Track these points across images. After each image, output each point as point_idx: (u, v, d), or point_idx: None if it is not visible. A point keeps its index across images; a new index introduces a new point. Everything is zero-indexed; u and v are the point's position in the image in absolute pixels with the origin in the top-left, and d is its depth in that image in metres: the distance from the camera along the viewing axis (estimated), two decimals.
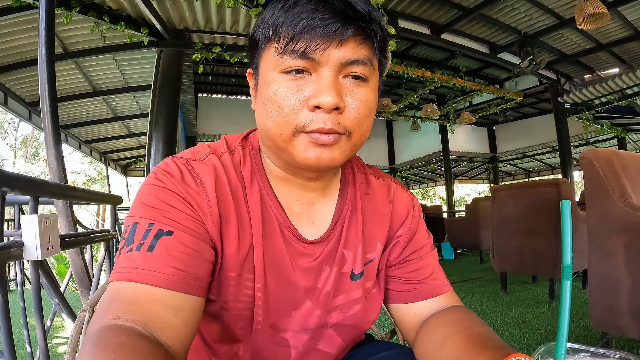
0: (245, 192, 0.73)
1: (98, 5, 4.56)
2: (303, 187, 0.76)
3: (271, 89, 0.64)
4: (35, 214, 1.10)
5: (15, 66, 5.70)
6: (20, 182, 1.15)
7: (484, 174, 16.59)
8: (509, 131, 12.64)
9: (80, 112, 7.90)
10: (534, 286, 4.44)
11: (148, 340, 0.51)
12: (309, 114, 0.62)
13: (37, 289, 1.23)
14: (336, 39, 0.61)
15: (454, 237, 7.64)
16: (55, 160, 1.74)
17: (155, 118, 5.02)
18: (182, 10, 4.80)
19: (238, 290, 0.71)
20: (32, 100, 6.96)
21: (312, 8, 0.61)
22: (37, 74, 5.30)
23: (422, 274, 0.83)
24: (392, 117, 10.13)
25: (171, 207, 0.64)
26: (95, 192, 2.61)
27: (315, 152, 0.64)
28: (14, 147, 21.49)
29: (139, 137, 10.08)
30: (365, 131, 0.68)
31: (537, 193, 3.79)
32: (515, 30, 6.24)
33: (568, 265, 0.38)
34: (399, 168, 14.53)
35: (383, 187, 0.86)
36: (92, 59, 5.90)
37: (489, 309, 3.59)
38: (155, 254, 0.60)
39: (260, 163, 0.76)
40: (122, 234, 0.66)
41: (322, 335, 0.79)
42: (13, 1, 4.11)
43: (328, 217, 0.79)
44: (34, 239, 1.06)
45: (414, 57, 7.96)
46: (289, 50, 0.61)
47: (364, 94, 0.65)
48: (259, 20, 0.69)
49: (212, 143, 0.79)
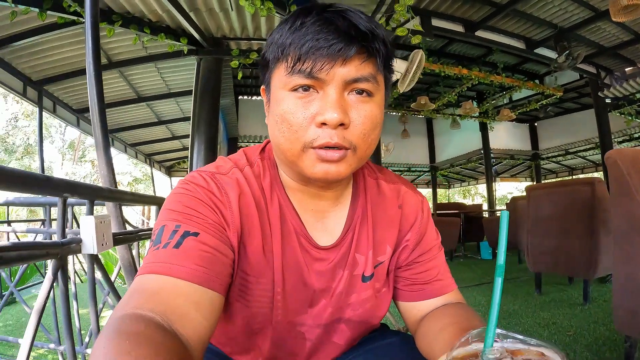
0: (267, 204, 0.78)
1: (138, 19, 4.83)
2: (317, 197, 0.81)
3: (281, 106, 0.69)
4: (92, 215, 1.28)
5: (63, 77, 6.13)
6: (79, 188, 1.34)
7: (526, 172, 16.14)
8: (551, 127, 12.24)
9: (125, 117, 8.26)
10: (570, 287, 4.37)
11: (165, 331, 0.52)
12: (316, 130, 0.67)
13: (92, 279, 1.43)
14: (340, 58, 0.65)
15: (493, 237, 7.52)
16: (106, 166, 1.92)
17: (197, 122, 5.25)
18: (219, 20, 4.98)
19: (259, 292, 0.78)
20: (79, 108, 7.43)
21: (317, 29, 0.65)
22: (83, 82, 5.71)
23: (429, 276, 0.88)
24: (431, 115, 10.04)
25: (197, 212, 0.70)
26: (142, 194, 2.81)
27: (323, 168, 0.68)
28: (61, 151, 22.55)
29: (182, 140, 10.41)
30: (370, 144, 0.72)
31: (572, 192, 3.73)
32: (550, 24, 6.10)
33: (501, 265, 0.48)
34: (439, 166, 14.35)
35: (393, 192, 0.90)
36: (135, 67, 6.20)
37: (521, 309, 3.57)
38: (181, 250, 0.64)
39: (277, 175, 0.82)
40: (151, 237, 0.71)
41: (335, 329, 0.86)
42: (58, 18, 4.45)
43: (341, 224, 0.84)
44: (91, 236, 1.23)
45: (450, 55, 7.89)
46: (296, 70, 0.66)
47: (368, 109, 0.69)
48: (269, 40, 0.73)
49: (232, 156, 0.84)
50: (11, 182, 0.91)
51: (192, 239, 0.65)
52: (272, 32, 0.72)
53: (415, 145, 13.16)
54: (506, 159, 13.37)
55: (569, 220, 3.69)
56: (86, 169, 22.66)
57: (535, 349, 0.46)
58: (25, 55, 5.42)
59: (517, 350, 0.47)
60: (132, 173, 23.28)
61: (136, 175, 23.52)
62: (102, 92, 2.14)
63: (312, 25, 0.65)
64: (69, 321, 1.26)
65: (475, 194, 30.31)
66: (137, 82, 6.86)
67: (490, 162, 11.83)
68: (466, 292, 4.53)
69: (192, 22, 4.73)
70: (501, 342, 0.47)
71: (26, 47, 5.19)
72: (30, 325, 1.12)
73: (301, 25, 0.66)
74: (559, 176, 16.16)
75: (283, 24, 0.70)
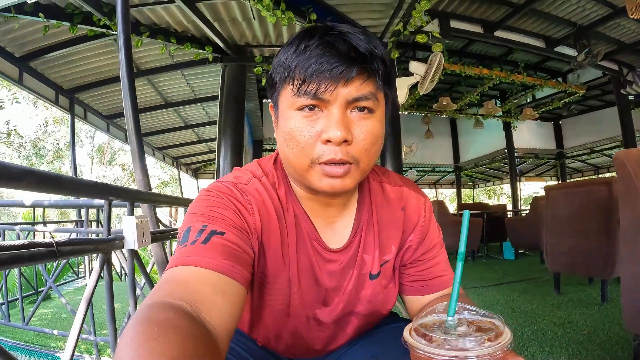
0: (284, 211, 0.85)
1: (165, 29, 5.09)
2: (326, 204, 0.88)
3: (289, 124, 0.74)
4: (133, 216, 1.45)
5: (93, 85, 6.49)
6: (122, 192, 1.53)
7: (551, 171, 15.88)
8: (576, 125, 12.02)
9: (153, 122, 8.55)
10: (589, 287, 4.36)
11: (193, 320, 0.54)
12: (322, 147, 0.72)
13: (132, 271, 1.62)
14: (342, 80, 0.70)
15: (515, 237, 7.48)
16: (141, 172, 2.09)
17: (223, 126, 5.46)
18: (242, 28, 5.17)
19: (276, 291, 0.86)
20: (108, 114, 7.79)
21: (319, 53, 0.70)
22: (112, 90, 5.99)
23: (432, 273, 0.94)
24: (453, 115, 10.04)
25: (222, 215, 0.75)
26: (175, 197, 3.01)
27: (329, 182, 0.75)
28: (90, 155, 23.23)
29: (209, 143, 10.69)
30: (372, 158, 0.77)
31: (589, 192, 3.73)
32: (569, 22, 6.06)
33: (462, 252, 0.61)
34: (463, 166, 14.26)
35: (397, 194, 0.95)
36: (163, 75, 6.49)
37: (539, 309, 3.60)
38: (209, 246, 0.68)
39: (289, 185, 0.89)
40: (177, 238, 0.76)
41: (348, 321, 0.95)
42: (88, 31, 4.75)
43: (348, 228, 0.91)
44: (132, 234, 1.40)
45: (471, 54, 7.86)
46: (302, 91, 0.71)
47: (370, 125, 0.74)
48: (275, 62, 0.78)
49: (247, 167, 0.91)
50: (68, 188, 1.08)
51: (218, 237, 0.70)
52: (278, 53, 0.78)
53: (439, 145, 13.09)
54: (530, 158, 13.20)
55: (586, 220, 3.70)
56: (116, 172, 23.31)
57: (486, 319, 0.59)
58: (57, 65, 5.76)
59: (474, 320, 0.59)
60: (159, 176, 23.85)
61: (164, 178, 24.09)
62: (136, 103, 2.29)
63: (315, 48, 0.70)
64: (112, 309, 1.43)
65: (501, 194, 29.89)
66: (164, 88, 7.14)
67: (514, 161, 11.71)
68: (486, 291, 4.58)
69: (216, 31, 4.95)
70: (460, 314, 0.60)
71: (58, 58, 5.53)
72: (79, 312, 1.29)
73: (305, 48, 0.71)
74: (584, 175, 15.87)
75: (288, 46, 0.75)
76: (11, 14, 4.16)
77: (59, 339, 3.52)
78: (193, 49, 5.22)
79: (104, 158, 23.31)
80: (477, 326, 0.58)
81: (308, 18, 4.47)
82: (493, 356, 0.51)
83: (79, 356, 3.04)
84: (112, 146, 23.22)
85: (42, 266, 4.02)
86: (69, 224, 7.35)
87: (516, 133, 11.31)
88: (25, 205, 4.07)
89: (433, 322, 0.60)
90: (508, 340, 0.54)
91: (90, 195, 1.35)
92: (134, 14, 4.73)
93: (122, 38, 2.27)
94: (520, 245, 7.68)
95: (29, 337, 3.58)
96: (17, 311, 4.17)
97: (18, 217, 14.55)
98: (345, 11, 4.87)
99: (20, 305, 3.84)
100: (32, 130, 20.01)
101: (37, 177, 1.00)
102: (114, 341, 1.49)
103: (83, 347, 3.26)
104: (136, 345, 0.46)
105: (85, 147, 22.76)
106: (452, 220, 7.50)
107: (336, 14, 4.81)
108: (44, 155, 20.04)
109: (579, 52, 6.12)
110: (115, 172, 23.35)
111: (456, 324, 0.58)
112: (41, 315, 4.43)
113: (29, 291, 5.17)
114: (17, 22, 4.48)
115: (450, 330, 0.57)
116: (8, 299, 4.05)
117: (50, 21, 4.44)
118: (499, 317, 0.58)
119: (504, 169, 15.11)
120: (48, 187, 1.04)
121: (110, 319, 1.44)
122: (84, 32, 4.82)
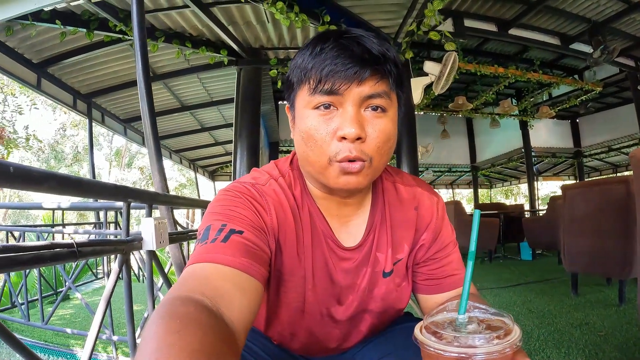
0: (299, 210, 0.88)
1: (180, 34, 5.16)
2: (341, 204, 0.90)
3: (306, 123, 0.77)
4: (151, 217, 1.48)
5: (110, 89, 6.60)
6: (140, 194, 1.57)
7: (569, 170, 15.65)
8: (593, 123, 11.84)
9: (169, 125, 8.64)
10: (607, 288, 4.30)
11: (214, 315, 0.56)
12: (337, 144, 0.75)
13: (150, 271, 1.65)
14: (356, 80, 0.73)
15: (533, 237, 7.40)
16: (158, 174, 2.13)
17: (239, 129, 5.51)
18: (256, 31, 5.21)
19: (292, 288, 0.88)
20: (125, 118, 7.91)
21: (334, 54, 0.73)
22: (129, 94, 6.10)
23: (445, 271, 0.95)
24: (469, 114, 9.97)
25: (241, 214, 0.78)
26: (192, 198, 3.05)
27: (345, 179, 0.77)
28: (108, 158, 23.59)
29: (225, 145, 10.77)
30: (384, 156, 0.80)
31: (606, 191, 3.68)
32: (584, 19, 5.98)
33: (472, 251, 0.62)
34: (480, 166, 14.14)
35: (409, 194, 0.97)
36: (179, 79, 6.56)
37: (556, 310, 3.57)
38: (228, 244, 0.71)
39: (305, 185, 0.91)
40: (196, 237, 0.79)
41: (361, 319, 0.96)
42: (105, 37, 4.82)
43: (362, 227, 0.93)
44: (151, 235, 1.44)
45: (486, 53, 7.80)
46: (318, 90, 0.74)
47: (382, 124, 0.77)
48: (292, 64, 0.82)
49: (264, 168, 0.94)
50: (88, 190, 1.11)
51: (237, 236, 0.73)
52: (295, 56, 0.82)
53: (456, 145, 13.02)
54: (548, 157, 13.01)
55: (604, 220, 3.65)
56: (134, 175, 23.65)
57: (496, 317, 0.60)
58: (74, 71, 5.88)
59: (484, 318, 0.60)
60: (176, 179, 24.11)
61: (180, 180, 24.35)
62: (153, 107, 2.33)
63: (330, 50, 0.74)
64: (130, 308, 1.46)
65: (518, 194, 29.58)
66: (180, 92, 7.22)
67: (531, 160, 11.60)
68: (503, 292, 4.54)
69: (230, 34, 5.00)
70: (471, 312, 0.61)
71: (75, 63, 5.64)
72: (98, 311, 1.32)
73: (321, 50, 0.75)
74: (602, 174, 15.60)
75: (304, 49, 0.79)
76: (28, 21, 4.25)
77: (78, 338, 3.59)
78: (208, 52, 5.28)
79: (122, 161, 23.67)
80: (487, 324, 0.58)
81: (321, 20, 4.49)
82: (502, 353, 0.52)
83: (98, 355, 3.10)
84: (130, 149, 23.56)
85: (62, 267, 4.11)
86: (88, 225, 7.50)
87: (533, 132, 11.18)
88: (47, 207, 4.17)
89: (444, 320, 0.61)
90: (517, 338, 0.55)
91: (109, 198, 1.39)
92: (149, 19, 4.80)
93: (138, 43, 2.31)
94: (538, 246, 7.60)
95: (48, 336, 3.67)
96: (36, 311, 4.27)
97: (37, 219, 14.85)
98: (359, 12, 4.88)
99: (39, 305, 3.93)
100: (51, 134, 20.36)
101: (57, 180, 1.03)
102: (133, 340, 1.53)
103: (101, 346, 3.32)
104: (158, 338, 0.47)
105: (103, 150, 23.14)
106: (468, 220, 7.46)
107: (349, 16, 4.82)
108: (62, 158, 20.39)
109: (594, 48, 6.04)
110: (133, 175, 23.71)
111: (466, 322, 0.59)
112: (60, 315, 4.52)
113: (48, 291, 5.28)
114: (34, 30, 4.59)
115: (460, 328, 0.58)
116: (28, 299, 4.14)
117: (67, 28, 4.52)
118: (508, 315, 0.59)
119: (521, 169, 14.94)
120: (69, 189, 1.07)
121: (129, 319, 1.48)
122: (101, 38, 4.90)
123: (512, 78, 7.29)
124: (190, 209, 11.32)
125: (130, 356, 1.47)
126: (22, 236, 4.40)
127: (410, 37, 5.09)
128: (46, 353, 3.31)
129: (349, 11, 4.82)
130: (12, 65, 5.09)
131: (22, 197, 19.03)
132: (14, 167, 0.88)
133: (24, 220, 18.77)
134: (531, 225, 7.58)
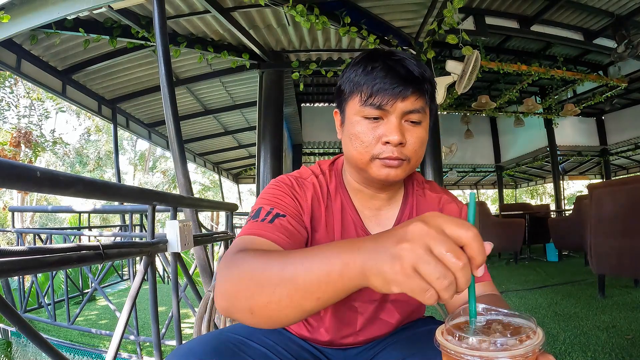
0: (332, 201, 1.04)
1: (202, 39, 5.23)
2: (374, 197, 1.05)
3: (355, 128, 0.93)
4: (176, 220, 1.51)
5: (134, 95, 6.75)
6: (165, 197, 1.60)
7: (595, 169, 15.27)
8: (619, 120, 11.54)
9: (193, 129, 8.78)
10: (635, 290, 4.20)
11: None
12: (382, 147, 0.91)
13: (175, 273, 1.68)
14: (400, 97, 0.88)
15: (559, 238, 7.26)
16: (183, 177, 2.18)
17: (262, 131, 5.57)
18: (278, 35, 5.25)
19: None
20: (149, 122, 8.07)
21: (383, 75, 0.88)
22: (153, 99, 6.22)
23: None
24: (493, 113, 9.84)
25: (284, 201, 0.96)
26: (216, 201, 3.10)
27: (386, 171, 0.92)
28: (132, 162, 24.00)
29: (249, 148, 10.93)
30: (419, 158, 0.96)
31: (633, 190, 3.60)
32: (607, 13, 5.85)
33: None
34: (505, 166, 13.97)
35: (435, 200, 1.11)
36: (201, 83, 6.66)
37: (582, 312, 3.51)
38: (274, 225, 0.88)
39: (342, 181, 1.08)
40: (249, 213, 0.96)
41: (383, 307, 1.05)
42: (128, 43, 4.94)
43: (392, 220, 1.07)
44: (175, 238, 1.47)
45: (508, 51, 7.75)
46: (368, 103, 0.90)
47: (418, 132, 0.93)
48: (344, 76, 0.98)
49: (311, 167, 1.11)
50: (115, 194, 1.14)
51: (281, 219, 0.90)
52: (347, 68, 0.98)
53: (480, 145, 12.91)
54: (573, 155, 12.72)
55: (631, 220, 3.56)
56: (158, 178, 24.02)
57: (518, 319, 0.59)
58: (98, 77, 6.02)
59: (506, 321, 0.60)
60: (200, 182, 24.42)
61: (204, 183, 24.65)
62: (177, 111, 2.38)
63: (380, 71, 0.89)
64: (155, 308, 1.49)
65: (544, 194, 29.09)
66: (203, 96, 7.33)
67: (556, 159, 11.39)
68: (528, 294, 4.47)
69: (252, 38, 5.05)
70: (493, 314, 0.61)
71: (99, 70, 5.78)
72: (124, 311, 1.35)
73: (372, 69, 0.90)
74: (629, 172, 15.24)
75: (355, 66, 0.95)
76: (52, 30, 4.37)
77: (103, 338, 3.66)
78: (230, 56, 5.34)
79: (146, 165, 24.06)
80: (509, 327, 0.58)
81: (342, 22, 4.50)
82: (524, 357, 0.52)
83: (123, 355, 3.15)
84: (154, 153, 23.94)
85: (87, 268, 4.20)
86: (113, 228, 7.65)
87: (558, 130, 10.97)
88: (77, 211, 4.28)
89: (465, 322, 0.61)
90: (540, 341, 0.54)
91: (135, 201, 1.43)
92: (170, 25, 4.87)
93: (161, 49, 2.36)
94: (564, 247, 7.47)
95: (74, 336, 3.76)
96: (62, 312, 4.38)
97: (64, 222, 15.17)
98: (379, 13, 4.87)
99: (66, 305, 4.03)
100: (76, 139, 20.80)
101: (84, 184, 1.07)
102: (157, 341, 1.55)
103: (126, 346, 3.38)
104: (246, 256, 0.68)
105: (127, 154, 23.55)
106: (493, 221, 7.36)
107: (370, 17, 4.82)
108: (86, 163, 20.79)
109: (618, 43, 5.92)
110: (156, 179, 24.08)
111: (485, 325, 0.59)
112: (86, 316, 4.63)
113: (75, 292, 5.40)
114: (58, 38, 4.72)
115: (482, 331, 0.58)
116: (54, 300, 4.25)
117: (90, 35, 4.64)
118: (531, 317, 0.59)
119: (546, 168, 14.70)
120: (97, 193, 1.11)
121: (154, 319, 1.50)
122: (123, 44, 5.01)
123: (536, 75, 7.16)
124: (215, 211, 11.45)
125: (155, 356, 1.50)
126: (49, 238, 4.51)
127: (432, 37, 5.06)
128: (72, 352, 3.39)
129: (370, 12, 4.82)
130: (37, 73, 5.23)
131: (50, 200, 19.49)
132: (41, 171, 0.91)
133: (51, 223, 19.19)
134: (557, 225, 7.42)
